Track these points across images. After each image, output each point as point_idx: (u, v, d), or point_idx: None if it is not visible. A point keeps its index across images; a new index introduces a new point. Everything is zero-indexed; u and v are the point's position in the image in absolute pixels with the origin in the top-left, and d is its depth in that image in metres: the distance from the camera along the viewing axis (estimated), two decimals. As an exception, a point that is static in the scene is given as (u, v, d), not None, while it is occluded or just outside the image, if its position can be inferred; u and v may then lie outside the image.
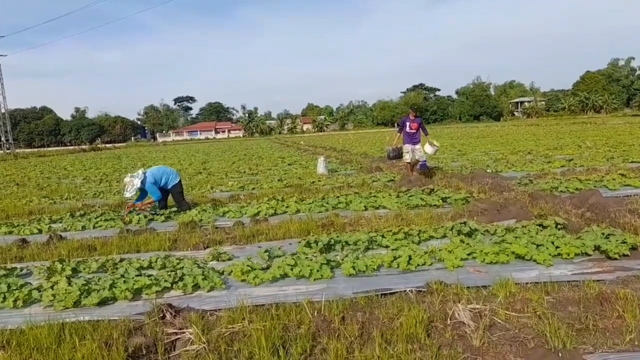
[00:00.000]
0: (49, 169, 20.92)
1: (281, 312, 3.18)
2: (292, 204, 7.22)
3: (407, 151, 10.00)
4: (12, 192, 12.22)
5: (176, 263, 4.63)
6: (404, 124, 10.14)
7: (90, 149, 52.91)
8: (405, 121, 10.16)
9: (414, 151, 9.96)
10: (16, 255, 5.73)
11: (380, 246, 4.64)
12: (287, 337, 2.80)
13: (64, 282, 4.18)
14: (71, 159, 30.86)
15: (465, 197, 6.78)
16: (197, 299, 3.74)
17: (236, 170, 14.83)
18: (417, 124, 10.00)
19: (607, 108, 74.62)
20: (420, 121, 10.11)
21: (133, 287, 3.90)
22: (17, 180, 15.57)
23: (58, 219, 7.61)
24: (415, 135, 10.00)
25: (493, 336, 2.69)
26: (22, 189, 12.77)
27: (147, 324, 3.32)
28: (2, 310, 3.93)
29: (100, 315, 3.56)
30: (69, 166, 22.34)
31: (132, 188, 7.23)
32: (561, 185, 7.46)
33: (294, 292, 3.66)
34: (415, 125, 9.97)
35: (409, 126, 9.98)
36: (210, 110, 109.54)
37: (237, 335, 2.93)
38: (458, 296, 3.27)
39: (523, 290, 3.31)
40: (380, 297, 3.39)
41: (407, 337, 2.68)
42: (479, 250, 4.05)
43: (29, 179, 16.20)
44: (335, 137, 47.99)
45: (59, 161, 29.26)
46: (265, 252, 4.63)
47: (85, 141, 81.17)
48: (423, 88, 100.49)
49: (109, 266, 4.77)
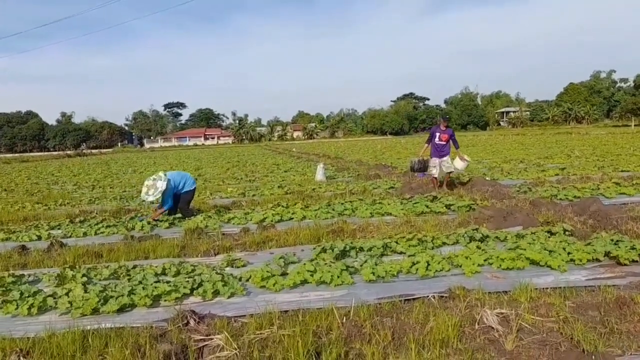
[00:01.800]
0: (35, 175, 20.58)
1: (307, 318, 3.20)
2: (298, 211, 7.24)
3: (434, 165, 9.11)
4: (0, 198, 11.98)
5: (191, 269, 4.62)
6: (433, 135, 9.21)
7: (75, 154, 52.13)
8: (434, 132, 9.22)
9: (442, 164, 9.08)
10: (18, 262, 5.64)
11: (395, 252, 4.69)
12: (319, 343, 2.83)
13: (80, 288, 4.14)
14: (57, 165, 30.35)
15: (469, 205, 6.88)
16: (219, 305, 3.74)
17: (232, 176, 14.80)
18: (448, 136, 9.08)
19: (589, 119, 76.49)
20: (451, 132, 9.15)
21: (152, 294, 3.88)
22: (4, 186, 15.28)
23: (56, 226, 7.50)
24: (445, 147, 9.10)
25: (523, 340, 2.76)
26: (11, 195, 12.54)
27: (171, 330, 3.31)
28: (16, 317, 3.87)
29: (121, 323, 3.53)
30: (56, 172, 22.02)
31: (156, 192, 7.02)
32: (560, 193, 7.64)
33: (316, 298, 3.68)
34: (445, 136, 9.06)
35: (439, 137, 9.08)
36: (200, 116, 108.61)
37: (267, 341, 2.95)
38: (481, 301, 3.33)
39: (543, 295, 3.39)
40: (404, 303, 3.44)
41: (439, 341, 2.73)
42: (495, 256, 4.14)
43: (16, 184, 15.93)
44: (327, 144, 48.17)
45: (44, 167, 28.78)
46: (281, 258, 4.65)
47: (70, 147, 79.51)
48: (413, 97, 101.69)
49: (121, 273, 4.73)
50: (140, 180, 14.71)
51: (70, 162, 34.01)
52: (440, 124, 9.27)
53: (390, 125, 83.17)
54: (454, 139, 9.16)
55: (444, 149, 9.11)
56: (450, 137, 9.10)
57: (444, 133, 9.09)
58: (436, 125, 9.43)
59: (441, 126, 9.20)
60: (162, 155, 42.37)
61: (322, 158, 22.58)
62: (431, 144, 9.22)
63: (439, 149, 9.09)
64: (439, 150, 9.09)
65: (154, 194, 7.06)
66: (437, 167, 9.08)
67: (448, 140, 9.11)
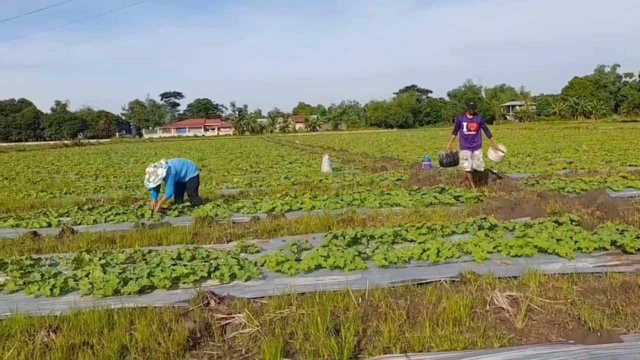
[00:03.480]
0: (35, 164, 20.70)
1: (324, 299, 3.33)
2: (307, 201, 7.36)
3: (465, 158, 8.31)
4: (3, 186, 12.12)
5: (206, 255, 4.76)
6: (459, 125, 8.43)
7: (73, 144, 52.10)
8: (461, 121, 8.43)
9: (473, 158, 8.26)
10: (32, 248, 5.75)
11: (405, 240, 4.82)
12: (337, 321, 2.96)
13: (99, 270, 4.28)
14: (55, 154, 30.43)
15: (477, 196, 6.99)
16: (236, 288, 3.87)
17: (237, 167, 14.92)
18: (477, 124, 8.29)
19: (597, 114, 76.09)
20: (480, 120, 8.38)
21: (171, 276, 4.02)
22: (5, 175, 15.43)
23: (65, 213, 7.60)
24: (476, 137, 8.28)
25: (532, 320, 2.89)
26: (13, 183, 12.68)
27: (193, 310, 3.44)
28: (38, 298, 4.01)
29: (143, 303, 3.67)
30: (55, 161, 22.16)
31: (157, 178, 7.15)
32: (567, 186, 7.72)
33: (330, 281, 3.81)
34: (474, 125, 8.25)
35: (467, 127, 8.27)
36: (198, 106, 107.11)
37: (287, 320, 3.08)
38: (491, 285, 3.45)
39: (552, 280, 3.51)
40: (417, 287, 3.56)
41: (452, 320, 2.85)
42: (503, 244, 4.25)
43: (17, 173, 16.06)
44: (330, 136, 48.22)
45: (42, 156, 28.85)
46: (294, 244, 4.78)
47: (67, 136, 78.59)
48: (415, 89, 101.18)
49: (136, 257, 4.87)
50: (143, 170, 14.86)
51: (69, 152, 34.01)
52: (466, 112, 8.45)
53: (394, 118, 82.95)
54: (484, 127, 8.40)
55: (475, 140, 8.29)
56: (480, 126, 8.33)
57: (472, 121, 8.28)
58: (462, 114, 8.66)
59: (467, 114, 8.35)
60: (163, 145, 42.47)
61: (326, 150, 22.68)
62: (459, 134, 8.44)
63: (469, 139, 8.28)
64: (469, 141, 8.29)
65: (154, 181, 7.17)
66: (468, 160, 8.27)
67: (478, 129, 8.31)
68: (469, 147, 8.28)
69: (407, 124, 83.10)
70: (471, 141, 8.26)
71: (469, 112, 8.33)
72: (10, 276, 4.44)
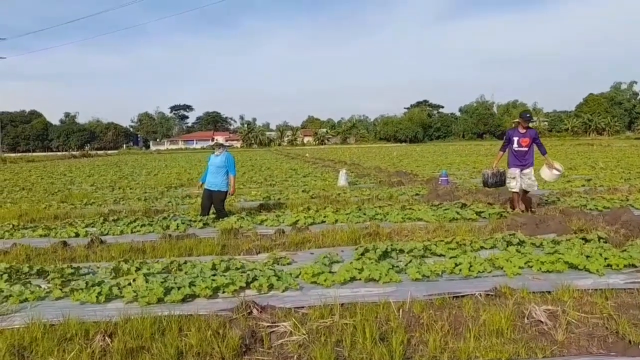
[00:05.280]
0: (47, 175, 20.96)
1: (364, 310, 3.46)
2: (330, 214, 7.51)
3: (513, 176, 7.38)
4: (22, 196, 12.34)
5: (240, 265, 4.91)
6: (510, 140, 7.48)
7: (81, 155, 52.61)
8: (511, 135, 7.46)
9: (523, 177, 7.36)
10: (65, 257, 5.89)
11: (434, 254, 4.94)
12: (381, 330, 3.08)
13: (142, 279, 4.45)
14: (66, 165, 30.80)
15: (499, 212, 7.08)
16: (275, 298, 4.01)
17: (251, 180, 15.09)
18: (530, 139, 7.33)
19: (610, 130, 75.79)
20: (534, 134, 7.41)
21: (212, 286, 4.17)
22: (21, 185, 15.67)
23: (90, 224, 7.75)
24: (526, 155, 7.37)
25: (572, 333, 2.99)
26: (31, 194, 12.91)
27: (237, 318, 3.59)
28: (84, 305, 4.17)
29: (187, 311, 3.82)
30: (67, 172, 22.43)
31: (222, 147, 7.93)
32: (589, 204, 7.80)
33: (367, 293, 3.94)
34: (526, 140, 7.31)
35: (518, 142, 7.34)
36: (207, 119, 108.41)
37: (331, 329, 3.21)
38: (526, 299, 3.56)
39: (585, 295, 3.61)
40: (452, 299, 3.67)
41: (493, 332, 2.97)
42: (534, 260, 4.36)
43: (32, 184, 16.29)
44: (340, 150, 48.48)
45: (52, 167, 29.20)
46: (325, 257, 4.92)
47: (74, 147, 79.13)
48: (427, 104, 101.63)
49: (172, 267, 5.03)
50: (157, 183, 15.13)
51: (79, 163, 34.44)
52: (518, 125, 7.50)
53: (404, 133, 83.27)
54: (538, 142, 7.42)
55: (527, 158, 7.37)
56: (532, 141, 7.35)
57: (525, 136, 7.32)
58: (513, 127, 7.67)
59: (519, 128, 7.41)
60: (172, 157, 42.91)
61: (338, 164, 22.87)
62: (508, 150, 7.54)
63: (519, 157, 7.37)
64: (519, 159, 7.37)
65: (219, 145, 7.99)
66: (516, 179, 7.34)
67: (530, 145, 7.36)
68: (517, 165, 7.38)
69: (416, 138, 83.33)
70: (521, 158, 7.35)
71: (521, 126, 7.39)
72: (52, 284, 4.61)
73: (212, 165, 7.72)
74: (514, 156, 7.44)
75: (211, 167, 7.74)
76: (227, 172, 7.69)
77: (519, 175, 7.34)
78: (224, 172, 7.64)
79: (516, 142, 7.37)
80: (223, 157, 7.68)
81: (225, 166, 7.64)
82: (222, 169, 7.63)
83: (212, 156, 7.84)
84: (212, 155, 7.87)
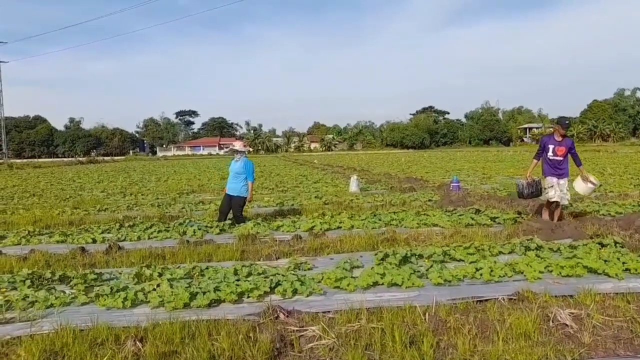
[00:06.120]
0: (56, 181, 21.05)
1: (390, 315, 3.52)
2: (346, 220, 7.58)
3: (552, 185, 6.95)
4: (34, 202, 12.42)
5: (261, 271, 4.99)
6: (545, 147, 7.05)
7: (88, 161, 52.92)
8: (547, 143, 7.04)
9: (560, 186, 6.98)
10: (85, 263, 5.94)
11: (454, 259, 5.00)
12: (410, 334, 3.14)
13: (166, 284, 4.53)
14: (73, 171, 30.95)
15: (514, 218, 7.13)
16: (300, 302, 4.08)
17: (262, 186, 15.18)
18: (566, 148, 6.93)
19: (614, 137, 75.54)
20: (570, 144, 6.99)
21: (237, 291, 4.25)
22: (31, 191, 15.80)
23: (106, 230, 7.83)
24: (562, 164, 6.98)
25: (598, 335, 3.05)
26: (42, 200, 13.00)
27: (264, 322, 3.66)
28: (110, 310, 4.25)
29: (214, 315, 3.89)
30: (76, 178, 22.53)
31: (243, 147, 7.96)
32: (602, 209, 7.84)
33: (390, 297, 4.00)
34: (562, 149, 6.91)
35: (553, 150, 6.94)
36: (213, 125, 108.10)
37: (359, 333, 3.27)
38: (548, 303, 3.61)
39: (607, 299, 3.66)
40: (476, 304, 3.73)
41: (520, 335, 3.03)
42: (554, 264, 4.41)
43: (42, 190, 16.38)
44: (347, 156, 48.61)
45: (60, 173, 29.32)
46: (346, 262, 4.99)
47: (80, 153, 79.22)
48: (433, 111, 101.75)
49: (194, 273, 5.11)
50: (168, 189, 15.25)
51: (86, 169, 34.56)
52: (554, 132, 7.10)
53: (411, 139, 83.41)
54: (573, 152, 7.03)
55: (562, 167, 6.97)
56: (568, 151, 6.95)
57: (561, 145, 6.92)
58: (549, 134, 7.30)
59: (556, 135, 6.99)
60: (179, 163, 43.02)
61: (348, 170, 22.95)
62: (542, 159, 7.17)
63: (554, 166, 6.98)
64: (554, 167, 6.98)
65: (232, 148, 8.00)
66: (555, 188, 6.93)
67: (566, 155, 6.97)
68: (554, 174, 6.98)
69: (423, 144, 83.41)
70: (557, 167, 6.97)
71: (558, 133, 6.95)
72: (75, 289, 4.68)
73: (232, 171, 7.84)
74: (549, 165, 7.05)
75: (231, 172, 7.86)
76: (246, 177, 7.79)
77: (557, 184, 6.95)
78: (242, 177, 7.75)
79: (551, 150, 6.97)
80: (242, 163, 7.78)
81: (243, 172, 7.74)
82: (241, 175, 7.74)
83: (233, 162, 7.96)
84: (233, 161, 7.98)
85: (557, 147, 6.92)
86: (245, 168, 7.76)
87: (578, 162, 7.15)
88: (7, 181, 22.03)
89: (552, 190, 6.92)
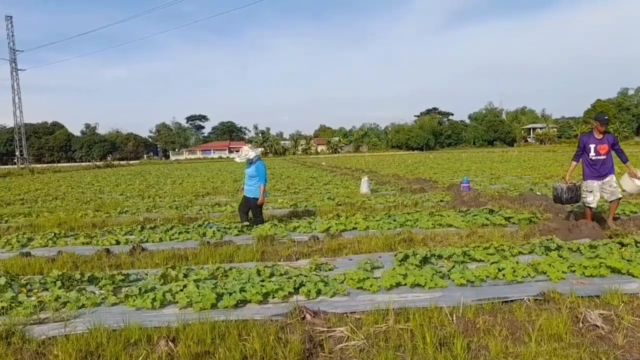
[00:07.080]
0: (76, 184, 21.46)
1: (417, 316, 3.55)
2: (361, 221, 7.61)
3: (590, 190, 6.51)
4: (57, 205, 12.65)
5: (284, 271, 5.03)
6: (585, 147, 6.56)
7: (104, 165, 54.05)
8: (587, 142, 6.55)
9: (603, 186, 6.52)
10: (110, 264, 6.01)
11: (474, 260, 5.02)
12: (439, 335, 3.17)
13: (193, 285, 4.59)
14: (92, 175, 31.50)
15: (529, 218, 7.13)
16: (325, 303, 4.12)
17: (274, 188, 15.26)
18: (608, 145, 6.47)
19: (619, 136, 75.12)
20: (613, 140, 6.53)
21: (262, 291, 4.29)
22: (54, 195, 16.08)
23: (129, 231, 7.96)
24: (605, 164, 6.47)
25: (631, 337, 3.06)
26: (65, 203, 13.22)
27: (291, 323, 3.70)
28: (140, 310, 4.30)
29: (242, 316, 3.93)
30: (94, 182, 22.93)
31: (244, 156, 7.87)
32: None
33: (414, 298, 4.03)
34: (604, 147, 6.44)
35: (595, 149, 6.45)
36: (222, 129, 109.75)
37: (387, 334, 3.31)
38: (575, 303, 3.62)
39: (635, 299, 3.66)
40: (502, 304, 3.75)
41: (552, 336, 3.05)
42: (577, 264, 4.42)
43: (64, 193, 16.68)
44: (354, 158, 48.59)
45: (79, 177, 29.83)
46: (366, 263, 5.02)
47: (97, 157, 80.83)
48: (437, 112, 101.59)
49: (218, 274, 5.17)
50: (184, 191, 15.42)
51: (104, 173, 35.18)
52: (594, 129, 6.59)
53: (416, 141, 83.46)
54: (617, 148, 6.52)
55: (605, 166, 6.48)
56: (612, 147, 6.47)
57: (602, 143, 6.45)
58: (588, 133, 6.85)
59: (595, 133, 6.51)
60: (192, 167, 43.47)
61: (356, 172, 22.96)
62: (582, 160, 6.65)
63: (596, 167, 6.49)
64: (596, 169, 6.49)
65: (241, 157, 7.89)
66: (594, 193, 6.50)
67: (609, 152, 6.48)
68: (596, 177, 6.50)
69: (428, 146, 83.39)
70: (599, 168, 6.47)
71: (597, 130, 6.47)
72: (104, 290, 4.76)
73: (247, 174, 7.91)
74: (590, 166, 6.54)
75: (246, 175, 7.94)
76: (259, 180, 7.86)
77: (597, 189, 6.49)
78: (256, 180, 7.82)
79: (593, 149, 6.45)
80: (254, 167, 7.85)
81: (256, 175, 7.80)
82: (254, 177, 7.81)
83: (247, 165, 8.04)
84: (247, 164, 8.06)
85: (599, 145, 6.44)
86: (257, 171, 7.82)
87: (624, 159, 6.68)
88: (29, 185, 22.43)
89: (590, 196, 6.52)
